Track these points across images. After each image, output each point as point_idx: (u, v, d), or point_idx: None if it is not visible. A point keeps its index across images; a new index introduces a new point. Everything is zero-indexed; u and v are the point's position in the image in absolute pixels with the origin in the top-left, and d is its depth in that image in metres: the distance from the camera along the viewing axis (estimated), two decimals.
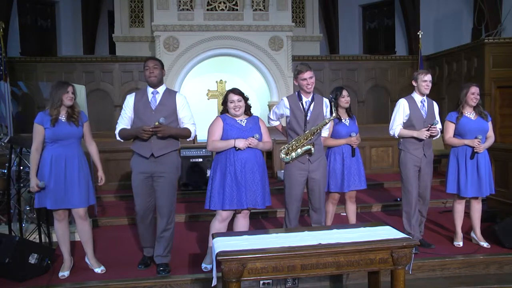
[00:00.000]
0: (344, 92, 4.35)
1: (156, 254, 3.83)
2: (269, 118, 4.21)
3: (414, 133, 4.15)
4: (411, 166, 4.20)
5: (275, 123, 4.19)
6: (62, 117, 3.59)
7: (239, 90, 3.67)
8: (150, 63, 3.72)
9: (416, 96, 4.25)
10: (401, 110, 4.22)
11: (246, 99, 3.68)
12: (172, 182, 3.76)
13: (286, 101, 3.97)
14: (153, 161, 3.66)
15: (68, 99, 3.57)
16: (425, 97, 4.25)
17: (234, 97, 3.61)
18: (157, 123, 3.53)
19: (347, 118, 4.38)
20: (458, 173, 4.21)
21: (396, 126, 4.24)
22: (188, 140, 3.93)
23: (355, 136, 4.26)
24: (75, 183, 3.58)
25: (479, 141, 4.09)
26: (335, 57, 12.01)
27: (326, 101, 4.00)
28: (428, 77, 4.19)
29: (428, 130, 4.09)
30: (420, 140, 4.16)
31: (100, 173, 3.77)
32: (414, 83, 4.26)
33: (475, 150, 4.11)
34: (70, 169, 3.57)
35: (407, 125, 4.23)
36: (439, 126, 4.23)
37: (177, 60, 10.13)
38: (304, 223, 5.02)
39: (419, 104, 4.22)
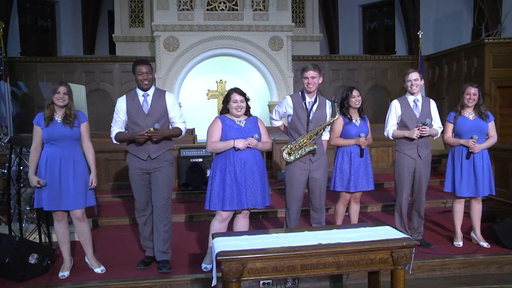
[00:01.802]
0: (355, 92, 4.29)
1: (156, 250, 3.85)
2: (271, 118, 4.20)
3: (405, 133, 4.16)
4: (405, 168, 4.20)
5: (278, 123, 4.18)
6: (59, 118, 3.57)
7: (242, 90, 3.66)
8: (143, 68, 3.71)
9: (409, 96, 4.26)
10: (393, 111, 4.25)
11: (247, 99, 3.68)
12: (168, 175, 3.82)
13: (289, 100, 3.98)
14: (149, 160, 3.74)
15: (58, 100, 3.54)
16: (419, 97, 4.25)
17: (238, 97, 3.60)
18: (152, 129, 3.58)
19: (358, 119, 4.33)
20: (454, 172, 4.23)
21: (390, 127, 4.26)
22: (179, 137, 4.00)
23: (364, 137, 4.23)
24: (69, 184, 3.56)
25: (473, 141, 4.09)
26: (335, 57, 12.01)
27: (329, 103, 4.03)
28: (412, 75, 4.18)
29: (418, 129, 4.08)
30: (412, 140, 4.15)
31: (92, 176, 3.69)
32: (404, 85, 4.28)
33: (470, 150, 4.12)
34: (65, 170, 3.55)
35: (401, 125, 4.24)
36: (439, 125, 4.22)
37: (177, 60, 10.13)
38: (305, 223, 5.01)
39: (411, 104, 4.22)
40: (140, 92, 3.78)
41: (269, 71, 10.43)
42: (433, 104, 4.32)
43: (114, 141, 3.83)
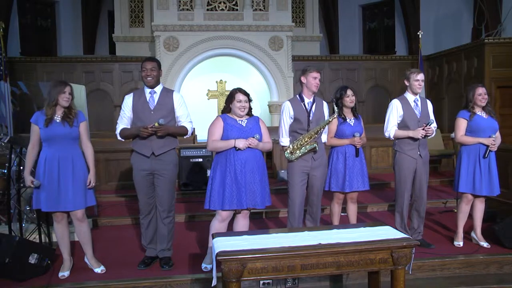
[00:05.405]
0: (349, 92, 4.28)
1: (159, 248, 3.89)
2: (281, 141, 4.06)
3: (410, 133, 4.14)
4: (406, 168, 4.19)
5: (288, 142, 4.06)
6: (58, 118, 3.56)
7: (246, 91, 3.67)
8: (147, 65, 3.76)
9: (409, 96, 4.24)
10: (395, 111, 4.22)
11: (250, 100, 3.69)
12: (172, 179, 3.86)
13: (289, 105, 4.02)
14: (153, 159, 3.73)
15: (64, 100, 3.52)
16: (418, 96, 4.25)
17: (242, 97, 3.60)
18: (156, 124, 3.59)
19: (352, 118, 4.33)
20: (474, 171, 4.17)
21: (391, 128, 4.23)
22: (185, 137, 4.00)
23: (359, 136, 4.22)
24: (68, 185, 3.55)
25: (494, 140, 4.10)
26: (335, 57, 12.01)
27: (325, 103, 4.12)
28: (420, 76, 4.18)
29: (423, 129, 4.08)
30: (415, 140, 4.15)
31: (90, 176, 3.66)
32: (406, 83, 4.26)
33: (490, 149, 4.10)
34: (64, 171, 3.54)
35: (401, 125, 4.22)
36: (434, 125, 4.21)
37: (177, 60, 10.13)
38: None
39: (412, 104, 4.22)
40: (147, 90, 3.82)
41: (269, 71, 10.43)
42: (430, 104, 4.34)
43: (119, 138, 3.84)
